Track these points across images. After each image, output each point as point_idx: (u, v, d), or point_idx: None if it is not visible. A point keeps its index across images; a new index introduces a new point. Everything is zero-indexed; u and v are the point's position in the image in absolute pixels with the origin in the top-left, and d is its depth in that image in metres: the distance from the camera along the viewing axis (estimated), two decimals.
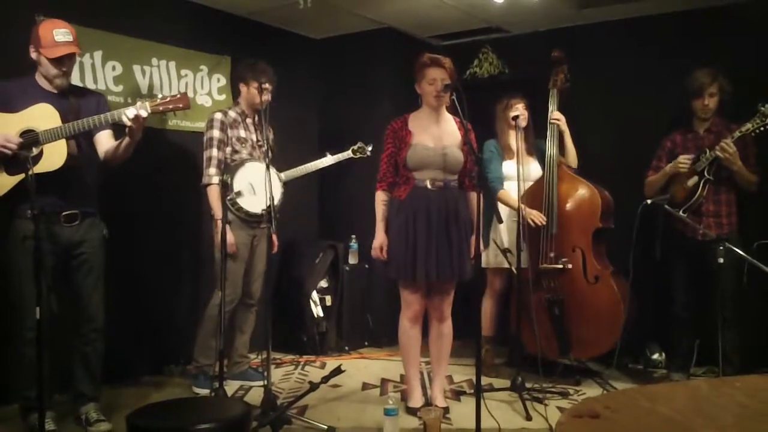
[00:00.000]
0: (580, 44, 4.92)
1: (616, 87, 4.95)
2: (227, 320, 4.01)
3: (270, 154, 3.82)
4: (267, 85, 4.08)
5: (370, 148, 4.77)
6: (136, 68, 4.44)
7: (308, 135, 4.63)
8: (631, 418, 1.42)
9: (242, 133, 4.22)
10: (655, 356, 4.54)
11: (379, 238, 3.66)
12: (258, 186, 4.02)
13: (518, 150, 4.29)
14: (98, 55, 4.23)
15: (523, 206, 4.19)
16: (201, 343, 4.16)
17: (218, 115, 4.17)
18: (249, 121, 4.28)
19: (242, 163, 4.12)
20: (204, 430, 2.13)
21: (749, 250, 3.57)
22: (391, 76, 5.44)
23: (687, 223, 3.95)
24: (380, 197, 3.70)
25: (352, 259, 5.35)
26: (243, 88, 4.26)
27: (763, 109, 3.77)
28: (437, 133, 3.63)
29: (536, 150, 4.54)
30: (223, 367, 3.59)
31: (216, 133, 4.13)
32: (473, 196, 3.55)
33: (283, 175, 4.42)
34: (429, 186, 3.57)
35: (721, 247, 3.39)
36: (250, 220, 4.14)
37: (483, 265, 4.40)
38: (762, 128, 3.78)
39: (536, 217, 4.29)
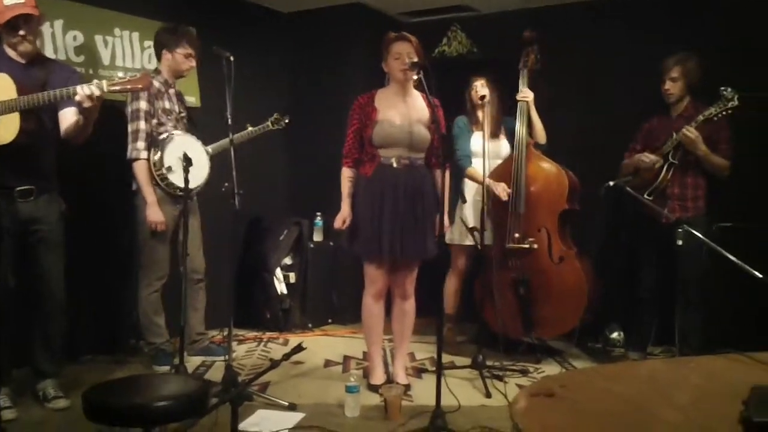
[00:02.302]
0: (548, 24, 4.89)
1: (583, 68, 4.96)
2: (162, 299, 3.98)
3: (191, 125, 3.71)
4: (190, 51, 3.97)
5: (287, 119, 4.62)
6: (98, 38, 4.31)
7: (275, 111, 4.54)
8: (587, 397, 1.42)
9: (167, 104, 4.06)
10: (614, 335, 4.58)
11: (343, 212, 3.65)
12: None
13: (483, 125, 4.25)
14: (59, 24, 4.10)
15: (489, 180, 4.19)
16: (146, 324, 4.08)
17: None
18: (171, 91, 4.13)
19: (171, 136, 3.97)
20: (160, 407, 2.09)
21: (709, 231, 3.59)
22: (360, 53, 5.38)
23: (649, 207, 3.95)
24: (345, 173, 3.67)
25: (317, 237, 5.33)
26: (166, 54, 4.08)
27: (725, 93, 3.78)
28: (404, 111, 3.60)
29: (506, 128, 4.53)
30: (183, 343, 3.55)
31: (143, 105, 3.94)
32: (439, 174, 3.54)
33: (210, 148, 4.21)
34: (395, 164, 3.56)
35: (680, 230, 3.37)
36: (179, 195, 4.00)
37: (447, 241, 4.39)
38: (724, 112, 3.80)
39: (502, 190, 4.29)
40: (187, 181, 3.52)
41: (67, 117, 3.31)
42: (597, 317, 4.47)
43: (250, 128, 4.41)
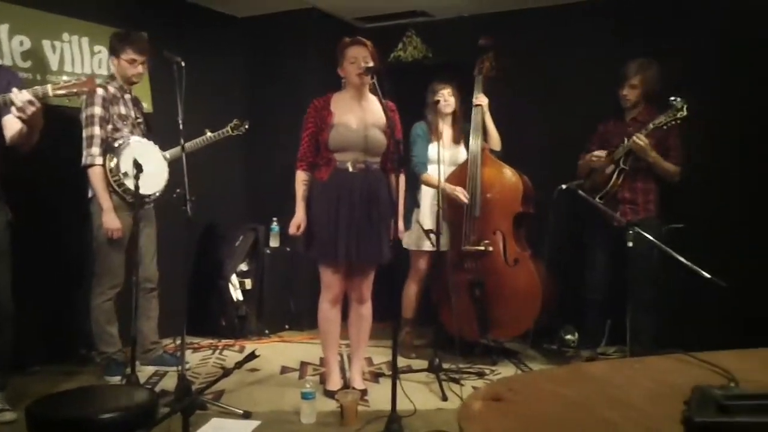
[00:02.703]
0: (502, 29, 4.94)
1: (538, 73, 5.01)
2: (119, 306, 3.91)
3: (147, 130, 3.65)
4: (137, 57, 3.93)
5: (247, 125, 4.54)
6: (46, 43, 4.21)
7: (230, 116, 4.49)
8: (534, 400, 1.42)
9: (122, 110, 4.00)
10: (569, 336, 4.66)
11: (298, 217, 3.62)
12: (145, 166, 3.79)
13: (437, 132, 4.30)
14: (4, 28, 4.00)
15: (446, 184, 4.22)
16: (98, 332, 4.00)
17: (99, 91, 3.87)
18: (127, 96, 4.07)
19: (127, 142, 3.90)
20: (107, 420, 2.04)
21: (660, 234, 3.67)
22: (316, 58, 5.36)
23: (600, 209, 4.02)
24: (300, 177, 3.65)
25: (274, 242, 5.29)
26: (113, 60, 4.02)
27: (674, 102, 3.86)
28: (360, 115, 3.60)
29: (465, 135, 4.54)
30: (135, 353, 3.50)
31: (97, 110, 3.87)
32: (395, 179, 3.53)
33: (167, 154, 4.15)
34: (351, 168, 3.55)
35: (631, 231, 3.48)
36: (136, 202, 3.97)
37: (405, 246, 4.41)
38: (674, 121, 3.88)
39: (460, 193, 4.31)
40: (137, 187, 3.47)
41: (11, 124, 3.18)
42: (552, 318, 4.51)
43: (208, 134, 4.35)
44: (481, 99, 4.42)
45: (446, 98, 4.41)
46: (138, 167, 3.42)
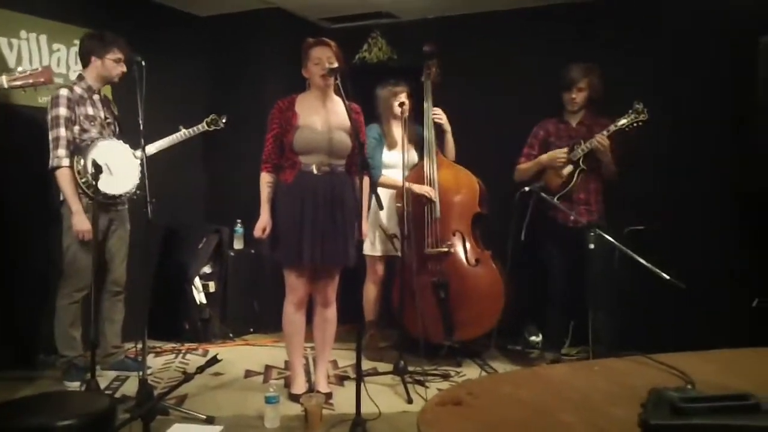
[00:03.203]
0: (468, 32, 4.99)
1: (495, 75, 5.03)
2: (84, 309, 3.84)
3: (118, 130, 3.61)
4: (120, 55, 3.89)
5: (224, 120, 4.53)
6: (3, 41, 4.11)
7: (192, 118, 4.43)
8: (493, 403, 1.43)
9: (90, 111, 3.94)
10: (533, 338, 4.72)
11: (263, 219, 3.60)
12: (114, 166, 3.79)
13: (393, 135, 4.35)
14: None
15: (412, 184, 4.24)
16: (60, 335, 3.94)
17: (64, 92, 3.84)
18: (96, 97, 4.02)
19: (94, 142, 3.85)
20: (63, 427, 2.00)
21: (619, 235, 3.72)
22: (280, 58, 5.31)
23: (560, 210, 4.11)
24: (265, 179, 3.63)
25: (238, 244, 5.24)
26: (95, 61, 3.95)
27: (638, 106, 3.99)
28: (325, 116, 3.59)
29: (417, 138, 4.55)
30: (95, 358, 3.43)
31: (63, 111, 3.81)
32: (359, 181, 3.50)
33: (138, 152, 4.03)
34: (315, 171, 3.53)
35: (592, 233, 3.51)
36: (106, 202, 3.91)
37: (367, 252, 4.42)
38: (636, 123, 4.00)
39: (428, 191, 4.34)
40: (96, 189, 3.41)
41: None
42: (515, 319, 4.54)
43: (183, 130, 4.30)
44: (440, 114, 4.45)
45: (405, 102, 4.39)
46: (97, 168, 3.36)
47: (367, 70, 5.45)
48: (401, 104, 4.32)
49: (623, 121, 4.02)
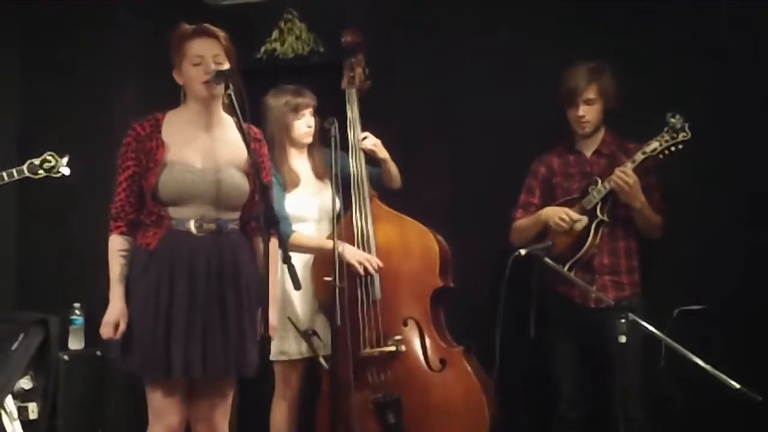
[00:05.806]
0: (417, 16, 4.86)
1: (459, 86, 4.90)
2: None
3: None
4: None
5: (65, 161, 4.41)
6: None
7: None
8: None
9: None
10: None
11: (115, 309, 3.37)
12: None
13: (314, 172, 4.44)
14: None
15: (346, 247, 4.16)
16: None
17: None
18: None
19: None
20: None
21: (665, 319, 3.60)
22: (136, 53, 5.18)
23: (575, 284, 3.92)
24: (116, 244, 3.43)
25: (75, 343, 5.00)
26: None
27: (673, 121, 3.77)
28: (208, 146, 3.43)
29: (326, 167, 4.41)
30: None
31: None
32: (262, 244, 3.35)
33: None
34: (194, 230, 3.37)
35: (623, 319, 3.32)
36: None
37: (276, 356, 4.24)
38: (672, 148, 3.80)
39: (367, 260, 4.19)
40: None
41: None
42: None
43: None
44: (372, 141, 4.39)
45: (310, 122, 4.32)
46: None
47: (278, 69, 5.28)
48: (303, 128, 4.29)
49: (654, 145, 3.82)
